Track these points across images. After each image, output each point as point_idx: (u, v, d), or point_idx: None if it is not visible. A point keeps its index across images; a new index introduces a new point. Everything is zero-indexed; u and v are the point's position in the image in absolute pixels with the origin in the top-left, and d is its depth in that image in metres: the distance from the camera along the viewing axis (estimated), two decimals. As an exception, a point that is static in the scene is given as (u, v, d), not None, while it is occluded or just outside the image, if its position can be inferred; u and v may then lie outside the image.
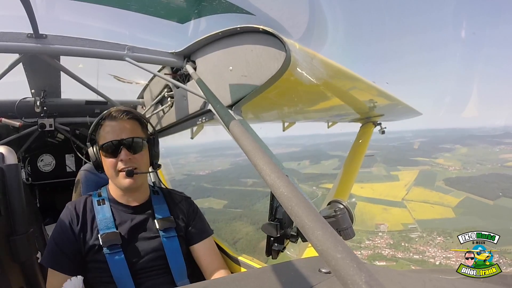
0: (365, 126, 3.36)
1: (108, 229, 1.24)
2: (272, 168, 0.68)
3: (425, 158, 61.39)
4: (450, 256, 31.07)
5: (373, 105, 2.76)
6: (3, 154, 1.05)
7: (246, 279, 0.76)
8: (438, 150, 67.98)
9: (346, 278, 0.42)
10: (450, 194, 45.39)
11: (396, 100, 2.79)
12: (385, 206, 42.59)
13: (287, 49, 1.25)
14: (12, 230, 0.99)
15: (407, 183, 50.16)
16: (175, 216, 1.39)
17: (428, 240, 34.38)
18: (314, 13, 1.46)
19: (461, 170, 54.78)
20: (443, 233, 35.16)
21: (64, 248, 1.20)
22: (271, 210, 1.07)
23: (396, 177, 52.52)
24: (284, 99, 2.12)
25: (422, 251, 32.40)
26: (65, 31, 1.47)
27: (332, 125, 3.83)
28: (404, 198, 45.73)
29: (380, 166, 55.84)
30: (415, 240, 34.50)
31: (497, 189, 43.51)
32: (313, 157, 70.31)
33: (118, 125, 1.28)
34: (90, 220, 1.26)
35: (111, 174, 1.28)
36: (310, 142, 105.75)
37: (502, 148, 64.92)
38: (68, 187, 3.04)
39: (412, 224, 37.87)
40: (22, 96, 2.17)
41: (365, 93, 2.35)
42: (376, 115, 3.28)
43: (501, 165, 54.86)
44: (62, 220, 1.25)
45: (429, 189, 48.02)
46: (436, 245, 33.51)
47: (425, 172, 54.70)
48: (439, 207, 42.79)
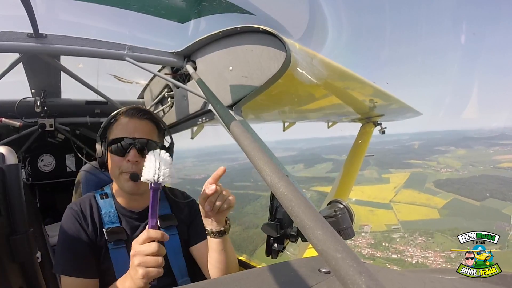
0: (365, 126, 3.36)
1: (113, 223, 1.21)
2: (272, 168, 0.68)
3: (419, 160, 62.19)
4: (428, 255, 32.12)
5: (373, 105, 2.76)
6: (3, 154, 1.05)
7: (246, 279, 0.76)
8: (433, 152, 68.65)
9: (346, 278, 0.42)
10: (438, 196, 46.58)
11: (396, 100, 2.79)
12: (371, 208, 43.41)
13: (287, 49, 1.25)
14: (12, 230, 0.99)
15: (397, 185, 51.12)
16: (177, 215, 1.37)
17: (409, 240, 35.45)
18: (314, 13, 1.46)
19: (452, 172, 55.72)
20: (424, 234, 36.21)
21: (76, 251, 1.14)
22: (271, 210, 1.07)
23: (387, 180, 53.83)
24: (284, 99, 2.12)
25: (402, 251, 33.36)
26: (65, 31, 1.46)
27: (332, 125, 3.83)
28: (391, 200, 46.98)
29: (372, 169, 56.43)
30: (396, 240, 35.53)
31: (485, 190, 44.56)
32: (307, 160, 71.20)
33: (134, 123, 1.21)
34: (97, 216, 1.22)
35: (114, 173, 1.21)
36: (308, 146, 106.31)
37: (497, 150, 65.73)
38: (68, 187, 3.05)
39: (395, 225, 38.79)
40: (22, 96, 2.17)
41: (365, 93, 2.35)
42: (376, 115, 3.28)
43: (494, 167, 55.66)
44: (69, 221, 1.19)
45: (418, 191, 49.05)
46: (416, 245, 34.48)
47: (416, 174, 56.05)
48: (425, 209, 43.87)
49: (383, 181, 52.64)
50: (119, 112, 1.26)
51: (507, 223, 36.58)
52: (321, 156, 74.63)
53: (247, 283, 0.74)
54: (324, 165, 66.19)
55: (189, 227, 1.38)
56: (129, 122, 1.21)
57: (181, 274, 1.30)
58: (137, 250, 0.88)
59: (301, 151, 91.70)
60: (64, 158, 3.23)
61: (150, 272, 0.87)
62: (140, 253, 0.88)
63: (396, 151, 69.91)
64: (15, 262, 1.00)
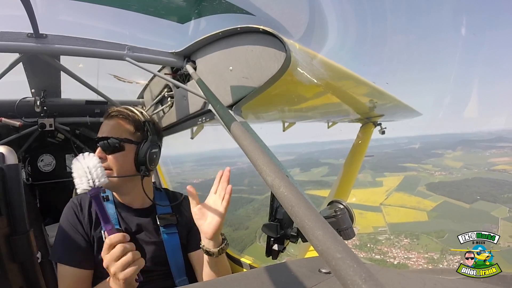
0: (365, 127, 3.36)
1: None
2: (272, 168, 0.68)
3: (414, 164, 62.51)
4: (411, 257, 32.60)
5: (373, 105, 2.76)
6: (3, 154, 1.05)
7: (246, 279, 0.76)
8: (429, 155, 68.91)
9: (346, 278, 0.42)
10: (429, 199, 46.92)
11: (396, 101, 2.79)
12: (361, 211, 43.81)
13: (287, 50, 1.25)
14: (12, 230, 0.99)
15: (389, 189, 51.33)
16: (178, 216, 1.38)
17: (394, 242, 35.88)
18: (314, 13, 1.45)
19: (446, 175, 55.88)
20: (410, 236, 36.59)
21: (73, 241, 1.18)
22: (271, 210, 1.07)
23: (381, 183, 54.05)
24: (284, 99, 2.13)
25: (385, 252, 33.82)
26: (65, 31, 1.46)
27: (332, 125, 3.83)
28: (382, 203, 47.28)
29: (367, 173, 56.67)
30: (381, 242, 35.94)
31: (476, 193, 44.80)
32: (304, 165, 71.57)
33: (105, 124, 1.29)
34: (95, 214, 1.24)
35: None
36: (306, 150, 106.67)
37: (493, 152, 66.06)
38: (68, 187, 3.04)
39: (383, 227, 39.23)
40: (22, 96, 2.17)
41: (365, 93, 2.35)
42: (376, 115, 3.27)
43: (488, 169, 55.95)
44: (68, 212, 1.24)
45: (409, 194, 49.50)
46: (401, 246, 34.89)
47: (409, 177, 56.40)
48: (414, 211, 44.23)
49: (377, 185, 52.95)
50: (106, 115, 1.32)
51: (495, 225, 36.84)
52: (318, 160, 75.09)
53: (247, 283, 0.74)
54: (320, 169, 66.58)
55: (189, 232, 1.39)
56: (103, 123, 1.30)
57: (179, 273, 1.30)
58: (107, 260, 0.91)
59: (300, 155, 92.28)
60: (64, 158, 3.22)
61: (127, 273, 0.89)
62: (110, 261, 0.90)
63: (393, 155, 70.23)
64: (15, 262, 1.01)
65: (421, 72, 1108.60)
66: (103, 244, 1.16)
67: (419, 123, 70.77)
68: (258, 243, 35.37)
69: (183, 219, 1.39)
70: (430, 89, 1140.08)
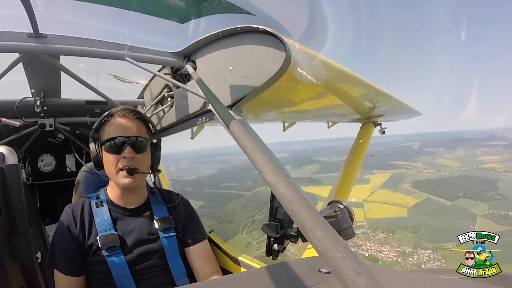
0: (365, 127, 3.36)
1: (107, 231, 1.24)
2: (272, 168, 0.68)
3: (404, 161, 62.90)
4: (384, 250, 33.59)
5: (373, 105, 2.77)
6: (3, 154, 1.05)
7: (246, 279, 0.76)
8: (421, 153, 69.27)
9: (346, 278, 0.42)
10: (411, 196, 47.53)
11: (396, 100, 2.79)
12: None
13: (287, 49, 1.25)
14: (12, 230, 0.99)
15: (375, 186, 51.85)
16: (174, 216, 1.39)
17: (370, 236, 36.58)
18: (314, 13, 1.45)
19: (434, 172, 56.30)
20: (386, 230, 37.40)
21: (64, 251, 1.21)
22: (271, 210, 1.07)
23: (368, 180, 54.31)
24: (284, 99, 2.13)
25: (359, 245, 34.42)
26: (65, 30, 1.47)
27: (332, 125, 3.83)
28: (365, 199, 47.89)
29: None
30: (357, 236, 36.11)
31: (459, 191, 45.45)
32: (296, 162, 71.93)
33: (125, 123, 1.29)
34: (88, 223, 1.26)
35: (111, 172, 1.27)
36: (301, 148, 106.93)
37: (484, 151, 66.53)
38: (68, 187, 3.04)
39: (361, 221, 39.86)
40: (22, 96, 2.17)
41: (365, 93, 2.35)
42: (376, 115, 3.28)
43: (476, 167, 56.29)
44: (61, 222, 1.26)
45: (393, 191, 50.01)
46: (376, 240, 35.64)
47: (396, 175, 56.84)
48: (395, 208, 44.83)
49: (364, 182, 53.39)
50: (110, 113, 1.32)
51: (472, 222, 37.27)
52: (311, 158, 75.38)
53: (247, 283, 0.74)
54: (311, 166, 66.86)
55: (184, 229, 1.42)
56: (121, 122, 1.29)
57: (180, 275, 1.31)
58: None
59: (294, 153, 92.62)
60: (64, 158, 3.22)
61: None
62: None
63: (385, 152, 70.51)
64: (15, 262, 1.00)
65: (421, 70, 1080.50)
66: (95, 250, 1.21)
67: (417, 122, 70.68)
68: (240, 235, 37.32)
69: (178, 217, 1.42)
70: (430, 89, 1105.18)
